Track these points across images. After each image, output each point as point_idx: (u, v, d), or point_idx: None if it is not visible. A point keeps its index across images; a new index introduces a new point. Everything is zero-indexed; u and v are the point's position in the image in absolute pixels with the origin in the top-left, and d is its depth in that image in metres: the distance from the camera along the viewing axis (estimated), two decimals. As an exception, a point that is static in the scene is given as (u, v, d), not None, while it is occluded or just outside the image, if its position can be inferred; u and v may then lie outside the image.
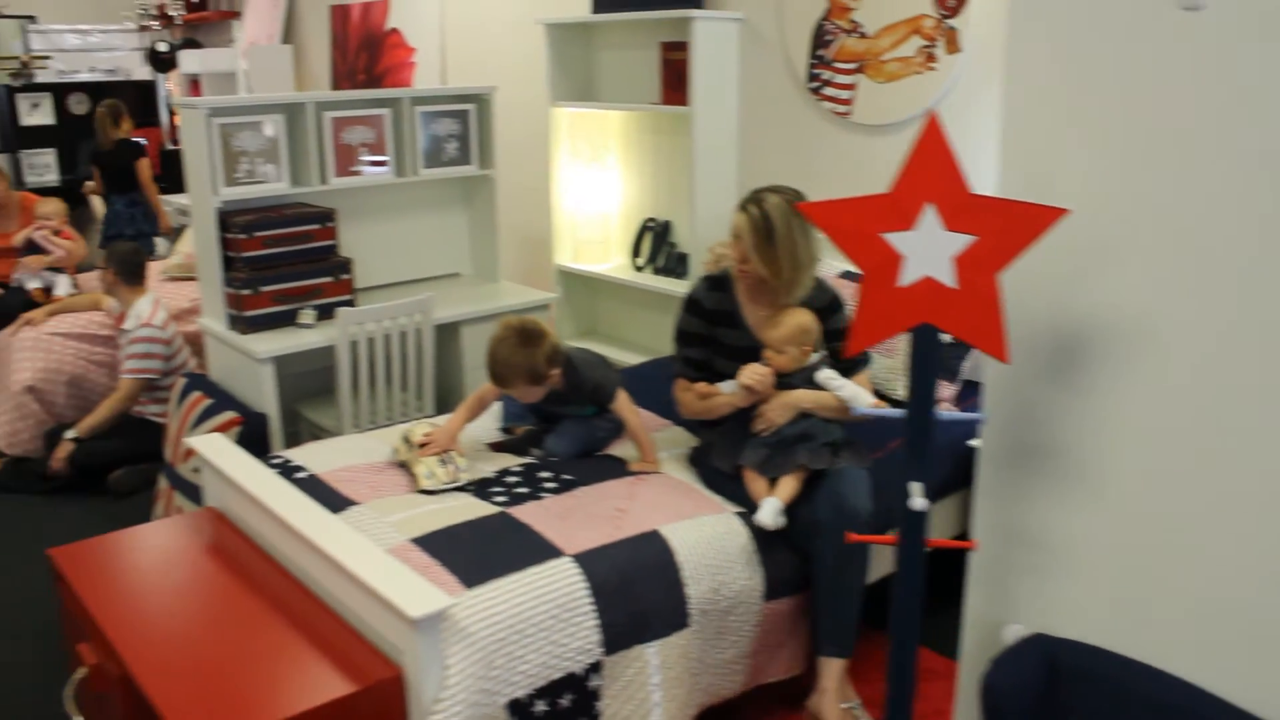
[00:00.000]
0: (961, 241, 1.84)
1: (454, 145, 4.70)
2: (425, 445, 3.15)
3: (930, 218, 1.85)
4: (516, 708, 2.45)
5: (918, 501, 1.99)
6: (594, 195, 5.10)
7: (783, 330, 3.07)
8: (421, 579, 2.37)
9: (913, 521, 2.02)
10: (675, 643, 2.73)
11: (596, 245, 5.13)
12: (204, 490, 3.29)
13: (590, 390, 3.25)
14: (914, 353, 1.94)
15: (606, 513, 2.88)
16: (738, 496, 3.07)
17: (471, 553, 2.63)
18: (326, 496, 2.95)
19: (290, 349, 4.02)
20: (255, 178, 4.23)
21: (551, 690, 2.51)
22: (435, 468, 3.07)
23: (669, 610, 2.73)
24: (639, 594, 2.68)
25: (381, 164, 4.47)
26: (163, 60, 8.91)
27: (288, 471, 3.15)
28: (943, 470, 3.40)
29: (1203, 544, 1.89)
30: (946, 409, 3.64)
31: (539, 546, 2.68)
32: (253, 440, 3.84)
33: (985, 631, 2.28)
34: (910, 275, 1.88)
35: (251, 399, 4.08)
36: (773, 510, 2.93)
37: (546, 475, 3.09)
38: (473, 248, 5.03)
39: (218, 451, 3.17)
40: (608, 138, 5.09)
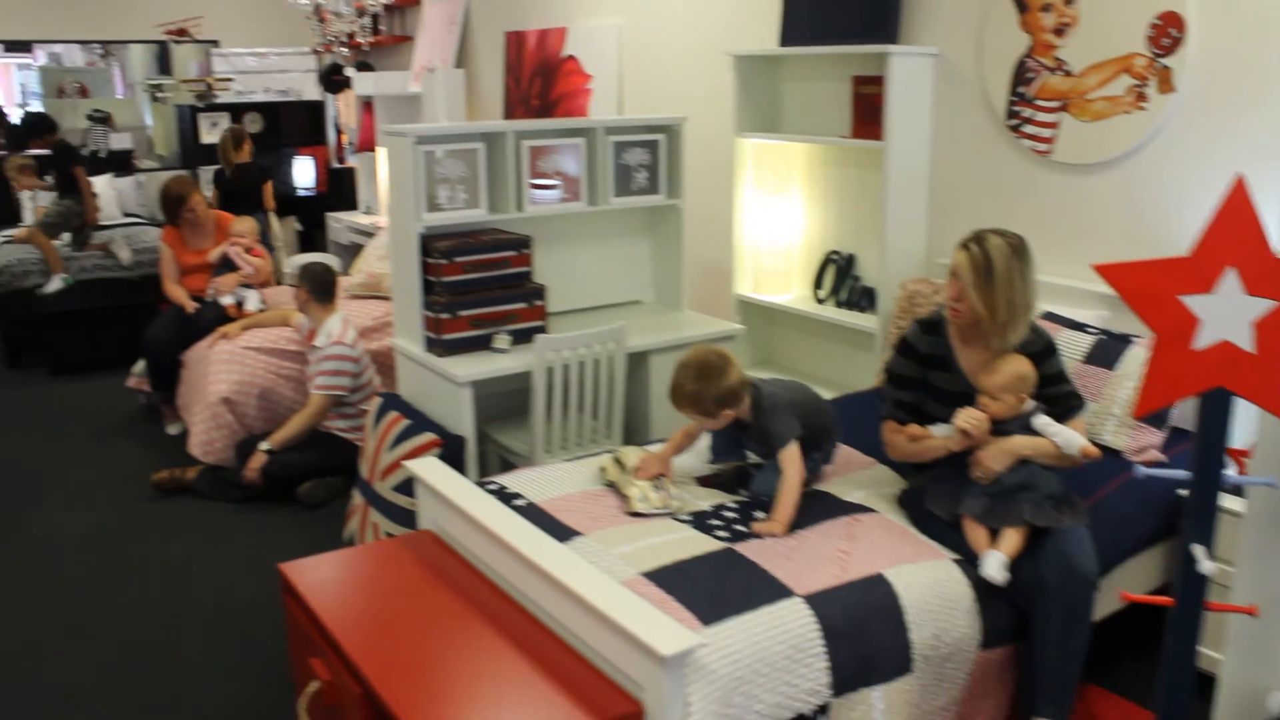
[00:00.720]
0: (1263, 306, 1.80)
1: (643, 175, 4.76)
2: (639, 469, 3.19)
3: (1231, 282, 1.82)
4: (751, 747, 2.46)
5: (1205, 565, 1.95)
6: (776, 226, 5.11)
7: (1000, 377, 3.05)
8: (666, 615, 2.40)
9: (1194, 584, 1.98)
10: (899, 687, 2.72)
11: (777, 276, 5.14)
12: (418, 513, 3.38)
13: (764, 432, 3.25)
14: (1204, 416, 1.90)
15: (830, 553, 2.89)
16: (953, 542, 3.04)
17: (705, 589, 2.66)
18: (548, 525, 3.00)
19: (488, 374, 4.10)
20: (455, 204, 4.33)
21: (783, 731, 2.52)
22: (649, 492, 3.12)
23: (894, 655, 2.72)
24: (867, 637, 2.67)
25: (550, 188, 4.54)
26: (334, 82, 9.19)
27: (505, 498, 3.22)
28: (1146, 521, 3.33)
29: None
30: (1155, 455, 3.57)
31: (770, 585, 2.69)
32: (449, 462, 3.92)
33: (1245, 698, 2.22)
34: (1206, 339, 1.85)
35: (447, 420, 4.17)
36: (998, 564, 2.89)
37: (762, 517, 3.10)
38: (655, 275, 5.08)
39: (435, 476, 3.25)
40: (792, 169, 5.10)
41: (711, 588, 2.67)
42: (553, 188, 4.56)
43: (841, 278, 4.93)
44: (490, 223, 4.47)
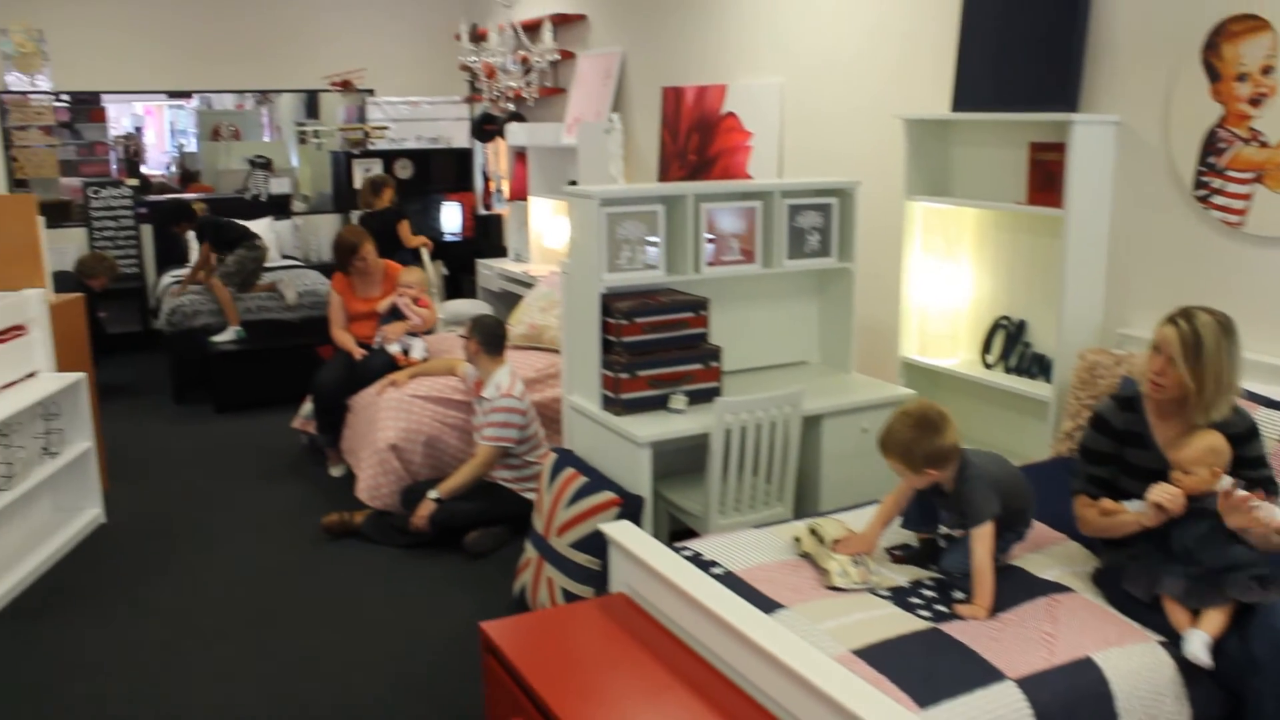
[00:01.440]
0: None
1: (816, 237, 4.79)
2: (840, 543, 3.20)
3: None
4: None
5: None
6: (943, 289, 5.09)
7: (1192, 450, 3.01)
8: (886, 696, 2.40)
9: None
10: (1111, 776, 2.68)
11: (943, 339, 5.11)
12: (610, 575, 3.43)
13: (963, 503, 3.23)
14: None
15: (1035, 635, 2.86)
16: (1152, 622, 2.99)
17: (917, 670, 2.65)
18: (748, 595, 3.03)
19: (668, 434, 4.15)
20: (635, 264, 4.41)
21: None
22: (849, 566, 3.13)
23: (1104, 742, 2.69)
24: (1080, 724, 2.65)
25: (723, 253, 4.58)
26: (486, 131, 9.43)
27: (701, 564, 3.25)
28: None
29: None
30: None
31: (981, 668, 2.68)
32: (627, 520, 3.98)
33: None
34: None
35: (623, 478, 4.22)
36: (1202, 645, 2.84)
37: (960, 597, 3.08)
38: (822, 336, 5.10)
39: (630, 539, 3.30)
40: (961, 232, 5.08)
41: (923, 668, 2.66)
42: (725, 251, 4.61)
43: (1011, 344, 4.88)
44: (667, 283, 4.54)
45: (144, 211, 9.68)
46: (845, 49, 5.82)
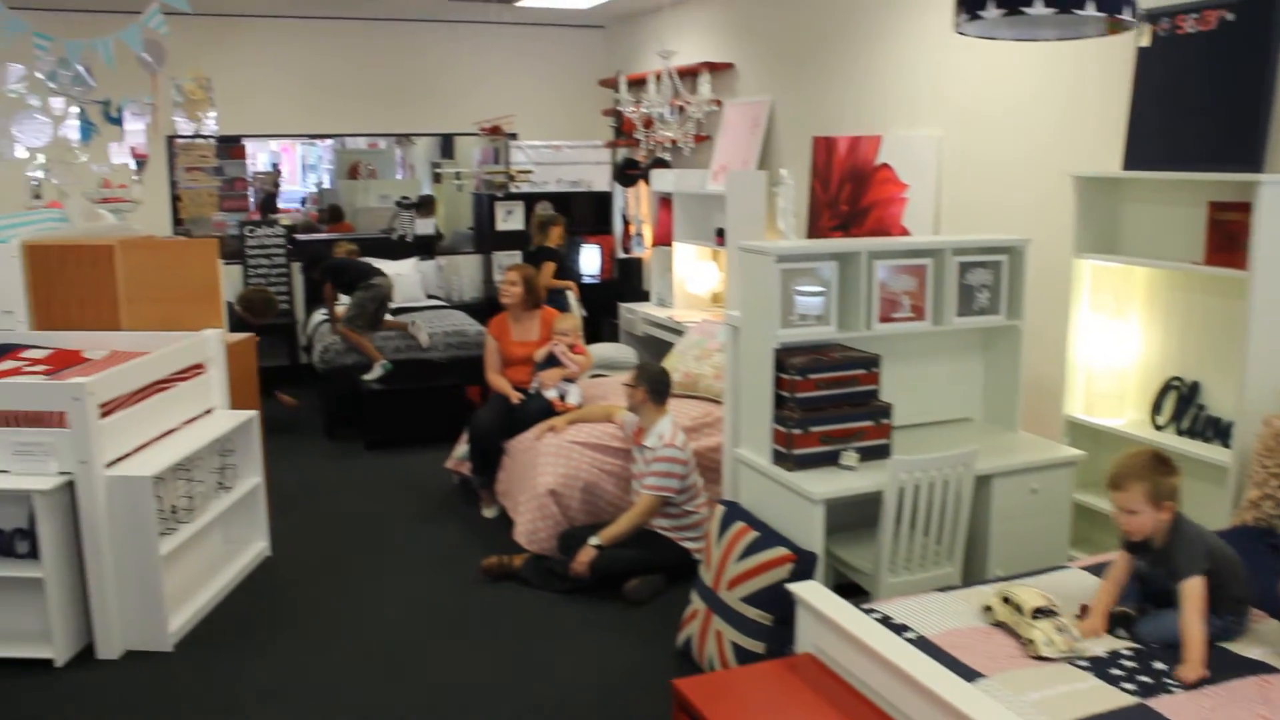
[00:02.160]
0: None
1: (985, 294, 4.77)
2: (1040, 611, 3.17)
3: None
4: None
5: None
6: (1111, 348, 5.02)
7: None
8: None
9: None
10: None
11: (1110, 399, 5.03)
12: (797, 634, 3.44)
13: (1172, 558, 3.19)
14: None
15: (1249, 716, 2.80)
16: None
17: (1130, 748, 2.62)
18: (945, 661, 3.02)
19: (841, 491, 4.15)
20: (808, 321, 4.44)
21: None
22: (1053, 635, 3.10)
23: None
24: (1304, 814, 2.58)
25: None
26: (628, 176, 9.56)
27: (892, 627, 3.25)
28: None
29: None
30: None
31: (1198, 750, 2.64)
32: (800, 578, 3.99)
33: None
34: None
35: (794, 534, 4.23)
36: None
37: (1162, 668, 3.03)
38: (986, 393, 5.07)
39: (818, 599, 3.32)
40: (1131, 291, 5.01)
41: (1136, 746, 2.63)
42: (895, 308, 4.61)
43: (1184, 406, 4.79)
44: (838, 339, 4.56)
45: (291, 248, 10.01)
46: (1007, 102, 5.79)
